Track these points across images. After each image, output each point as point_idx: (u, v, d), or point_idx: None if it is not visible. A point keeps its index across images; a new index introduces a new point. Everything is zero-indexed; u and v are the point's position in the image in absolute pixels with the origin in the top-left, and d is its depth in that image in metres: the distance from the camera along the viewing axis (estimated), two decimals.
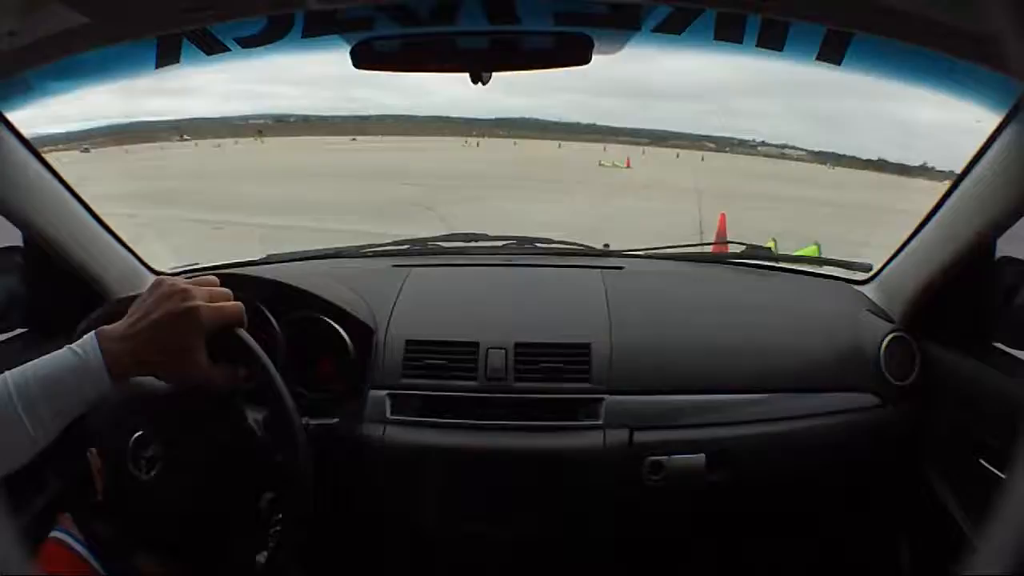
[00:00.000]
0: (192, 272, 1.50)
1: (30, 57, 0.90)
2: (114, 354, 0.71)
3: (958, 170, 1.10)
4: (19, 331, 1.24)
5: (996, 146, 1.01)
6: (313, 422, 1.06)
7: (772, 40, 0.97)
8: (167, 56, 1.03)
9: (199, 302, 0.76)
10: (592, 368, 1.20)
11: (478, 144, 21.44)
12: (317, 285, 1.28)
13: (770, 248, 1.54)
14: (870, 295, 1.37)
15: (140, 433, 0.79)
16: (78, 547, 0.84)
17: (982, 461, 1.06)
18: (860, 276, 1.44)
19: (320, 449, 0.88)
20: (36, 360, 0.71)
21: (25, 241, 1.22)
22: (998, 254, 1.14)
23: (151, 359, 0.74)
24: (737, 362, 1.24)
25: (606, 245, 1.67)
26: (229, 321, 0.78)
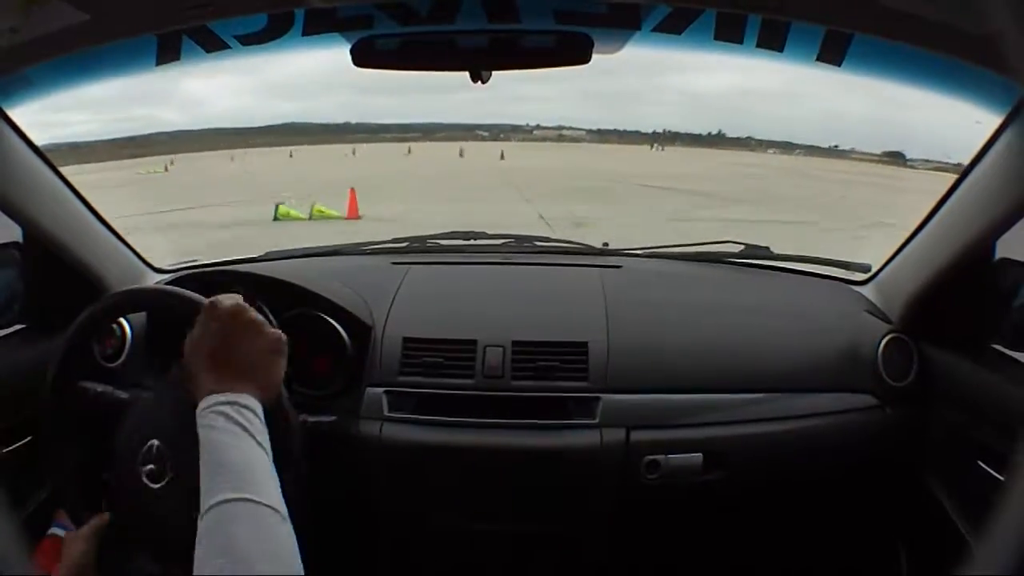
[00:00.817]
0: (192, 269, 1.50)
1: (31, 54, 0.90)
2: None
3: (756, 135, 1.06)
4: (18, 327, 1.24)
5: (996, 148, 1.01)
6: (310, 419, 1.06)
7: (772, 40, 0.97)
8: (167, 53, 1.03)
9: None
10: (589, 367, 1.20)
11: (172, 162, 19.90)
12: (315, 282, 1.28)
13: (768, 248, 1.53)
14: (868, 296, 1.37)
15: (153, 444, 0.80)
16: None
17: (981, 463, 1.06)
18: (858, 276, 1.44)
19: (317, 446, 0.88)
20: None
21: (24, 237, 1.22)
22: (997, 256, 1.14)
23: None
24: (735, 362, 1.24)
25: (605, 244, 1.67)
26: None
